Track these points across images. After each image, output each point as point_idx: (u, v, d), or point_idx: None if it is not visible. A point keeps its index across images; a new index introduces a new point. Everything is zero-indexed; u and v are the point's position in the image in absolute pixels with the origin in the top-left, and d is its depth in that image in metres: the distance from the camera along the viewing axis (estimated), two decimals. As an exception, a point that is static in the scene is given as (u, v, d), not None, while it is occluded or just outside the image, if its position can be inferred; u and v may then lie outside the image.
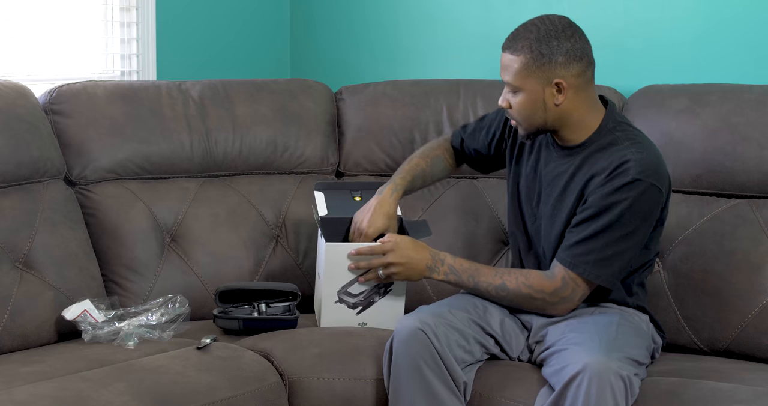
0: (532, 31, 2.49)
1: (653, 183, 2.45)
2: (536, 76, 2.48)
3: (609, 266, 2.46)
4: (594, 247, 2.46)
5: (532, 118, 2.53)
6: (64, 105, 3.05)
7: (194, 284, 3.03)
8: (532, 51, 2.47)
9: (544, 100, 2.50)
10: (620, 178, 2.44)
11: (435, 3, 3.63)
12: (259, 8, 3.90)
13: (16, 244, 2.77)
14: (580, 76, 2.50)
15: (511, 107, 2.55)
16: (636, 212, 2.45)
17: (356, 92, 3.36)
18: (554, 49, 2.47)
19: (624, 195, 2.44)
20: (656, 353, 2.63)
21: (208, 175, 3.19)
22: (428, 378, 2.44)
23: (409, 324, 2.46)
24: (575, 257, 2.47)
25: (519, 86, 2.50)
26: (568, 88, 2.48)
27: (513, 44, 2.51)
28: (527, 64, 2.48)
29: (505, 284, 2.55)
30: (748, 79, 3.00)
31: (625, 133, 2.53)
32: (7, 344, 2.66)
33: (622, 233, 2.45)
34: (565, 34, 2.49)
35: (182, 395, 2.42)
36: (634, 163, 2.45)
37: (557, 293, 2.50)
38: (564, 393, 2.28)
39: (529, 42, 2.48)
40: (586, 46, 2.52)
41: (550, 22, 2.51)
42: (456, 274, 2.60)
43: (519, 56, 2.49)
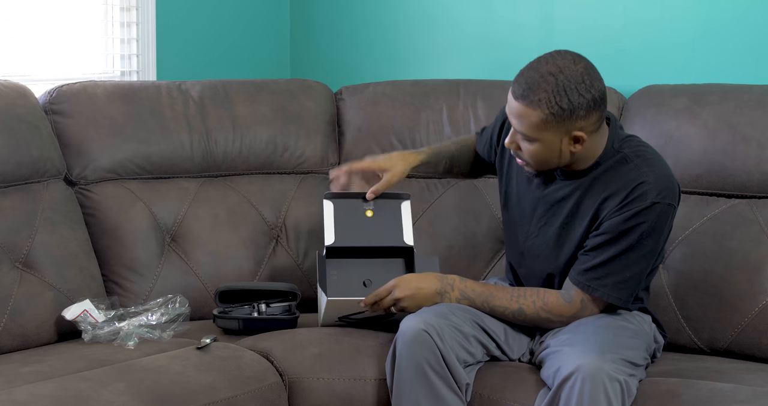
0: (550, 82, 2.33)
1: (670, 203, 2.43)
2: (555, 129, 2.36)
3: (627, 287, 2.46)
4: (612, 270, 2.44)
5: (545, 164, 2.46)
6: (64, 105, 3.05)
7: (194, 284, 3.03)
8: (551, 106, 2.33)
9: (560, 149, 2.41)
10: (638, 203, 2.40)
11: (435, 3, 3.63)
12: (259, 8, 3.90)
13: (16, 244, 2.77)
14: (598, 121, 2.40)
15: (521, 150, 2.45)
16: (653, 234, 2.43)
17: (356, 92, 3.36)
18: (575, 103, 2.33)
19: (642, 219, 2.40)
20: (657, 352, 2.63)
21: (208, 175, 3.19)
22: (432, 379, 2.43)
23: (412, 325, 2.46)
24: (593, 281, 2.45)
25: (535, 137, 2.39)
26: (586, 137, 2.40)
27: (528, 96, 2.34)
28: (546, 120, 2.35)
29: (523, 310, 2.52)
30: (748, 79, 3.01)
31: (633, 149, 2.48)
32: (7, 344, 2.66)
33: (639, 255, 2.43)
34: (585, 83, 2.34)
35: (182, 395, 2.42)
36: (650, 187, 2.40)
37: (576, 315, 2.50)
38: (558, 394, 2.28)
39: (547, 95, 2.33)
40: (602, 86, 2.38)
41: (567, 68, 2.35)
42: (468, 299, 2.55)
43: (536, 110, 2.34)
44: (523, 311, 2.52)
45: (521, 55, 3.43)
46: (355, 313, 2.68)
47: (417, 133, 3.23)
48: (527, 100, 2.35)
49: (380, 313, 2.65)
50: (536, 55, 3.42)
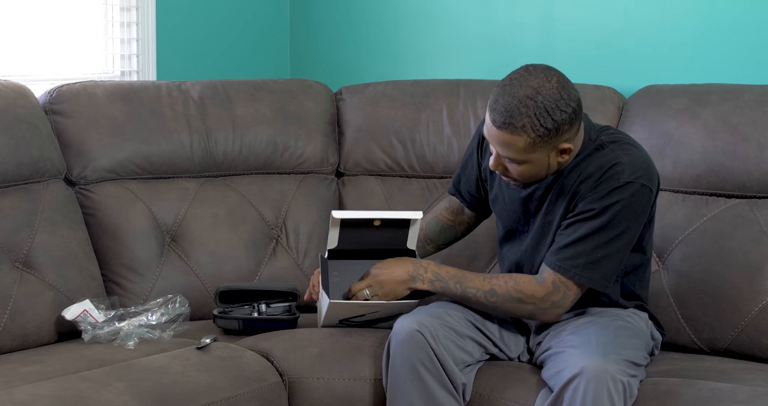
0: (530, 106, 2.31)
1: (644, 184, 2.42)
2: (543, 149, 2.36)
3: (599, 268, 2.42)
4: (583, 249, 2.41)
5: (534, 178, 2.47)
6: (64, 105, 3.05)
7: (194, 284, 3.03)
8: (537, 130, 2.32)
9: (548, 163, 2.42)
10: (611, 182, 2.40)
11: (435, 3, 3.63)
12: (259, 8, 3.90)
13: (16, 244, 2.77)
14: (578, 129, 2.41)
15: (508, 171, 2.45)
16: (627, 214, 2.41)
17: (356, 92, 3.36)
18: (559, 121, 2.33)
19: (615, 198, 2.40)
20: (656, 350, 2.63)
21: (208, 175, 3.19)
22: (425, 379, 2.43)
23: (406, 325, 2.46)
24: (564, 261, 2.43)
25: (522, 160, 2.39)
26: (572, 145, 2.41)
27: (511, 124, 2.32)
28: (533, 143, 2.34)
29: (495, 290, 2.49)
30: (748, 79, 3.00)
31: (609, 137, 2.49)
32: (7, 344, 2.66)
33: (612, 235, 2.41)
34: (564, 98, 2.33)
35: (182, 395, 2.42)
36: (624, 167, 2.41)
37: (548, 297, 2.45)
38: (561, 396, 2.28)
39: (530, 120, 2.31)
40: (576, 93, 2.37)
41: (543, 87, 2.32)
42: (442, 281, 2.53)
43: (522, 136, 2.33)
44: (495, 291, 2.48)
45: (521, 55, 3.45)
46: (356, 316, 2.68)
47: (417, 133, 3.23)
48: (511, 128, 2.33)
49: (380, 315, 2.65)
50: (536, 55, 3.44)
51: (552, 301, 2.45)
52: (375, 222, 2.60)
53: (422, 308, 2.57)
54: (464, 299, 2.54)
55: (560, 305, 2.46)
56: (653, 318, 2.63)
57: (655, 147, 2.89)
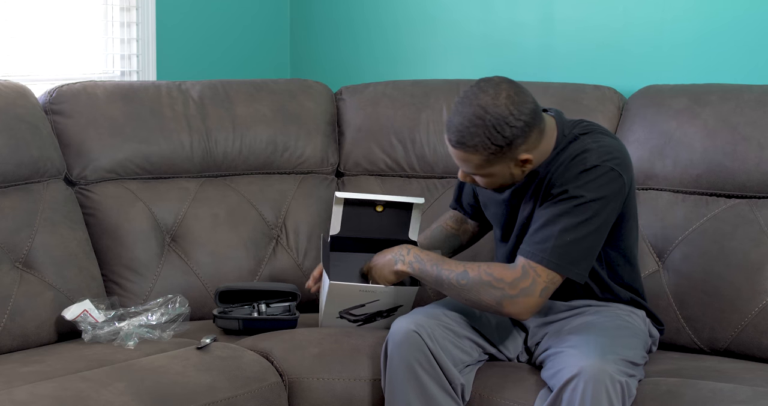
0: (479, 125, 2.34)
1: (612, 168, 2.40)
2: (500, 162, 2.40)
3: (568, 253, 2.37)
4: (551, 232, 2.38)
5: (502, 185, 2.50)
6: (64, 105, 3.05)
7: (194, 284, 3.03)
8: (488, 147, 2.35)
9: (511, 173, 2.45)
10: (578, 166, 2.40)
11: (435, 3, 3.63)
12: (259, 8, 3.90)
13: (16, 244, 2.77)
14: (537, 137, 2.41)
15: (476, 182, 2.50)
16: (594, 198, 2.38)
17: (356, 92, 3.36)
18: (511, 136, 2.35)
19: (583, 181, 2.38)
20: (653, 347, 2.63)
21: (208, 175, 3.19)
22: (423, 380, 2.44)
23: (403, 326, 2.46)
24: (532, 245, 2.40)
25: (483, 173, 2.44)
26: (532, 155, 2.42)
27: (464, 143, 2.36)
28: (488, 159, 2.38)
29: (467, 271, 2.45)
30: (748, 79, 3.01)
31: (581, 129, 2.50)
32: (7, 344, 2.66)
33: (581, 219, 2.37)
34: (513, 114, 2.34)
35: (182, 395, 2.42)
36: (592, 152, 2.41)
37: (517, 283, 2.39)
38: (560, 396, 2.28)
39: (481, 139, 2.35)
40: (529, 104, 2.37)
41: (490, 105, 2.34)
42: (420, 262, 2.52)
43: (476, 154, 2.37)
44: (467, 273, 2.44)
45: (521, 55, 3.46)
46: (356, 307, 2.68)
47: (417, 133, 3.23)
48: (464, 147, 2.38)
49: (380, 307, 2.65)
50: (536, 55, 3.44)
51: (521, 287, 2.39)
52: (378, 207, 2.64)
53: (419, 308, 2.57)
54: (438, 282, 2.50)
55: (529, 294, 2.39)
56: (651, 314, 2.63)
57: (655, 147, 2.90)
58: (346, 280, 2.67)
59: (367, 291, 2.63)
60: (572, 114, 2.96)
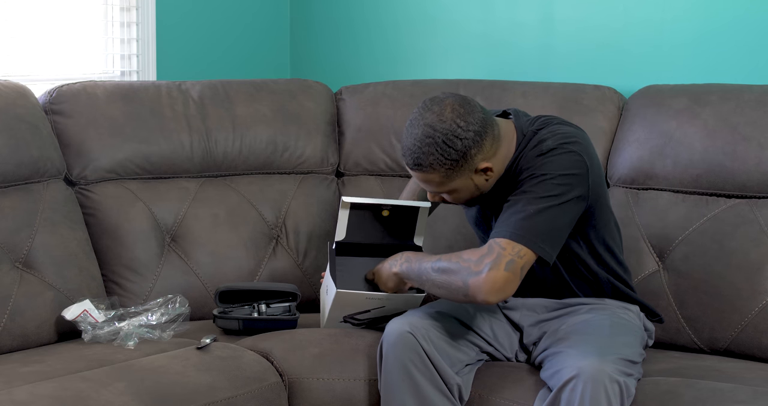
0: (430, 143, 2.36)
1: (571, 150, 2.40)
2: (459, 175, 2.42)
3: (532, 227, 2.34)
4: (515, 209, 2.38)
5: (470, 198, 2.51)
6: (64, 105, 3.05)
7: (194, 284, 3.03)
8: (444, 163, 2.38)
9: (475, 184, 2.46)
10: (534, 153, 2.42)
11: (434, 3, 3.63)
12: (259, 8, 3.90)
13: (16, 244, 2.77)
14: (493, 143, 2.42)
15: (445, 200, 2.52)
16: (556, 174, 2.38)
17: (356, 92, 3.36)
18: (463, 148, 2.37)
19: (540, 162, 2.40)
20: (650, 340, 2.63)
21: (208, 175, 3.19)
22: (417, 380, 2.44)
23: (397, 327, 2.46)
24: (499, 226, 2.39)
25: (446, 190, 2.46)
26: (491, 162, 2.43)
27: (420, 164, 2.39)
28: (447, 175, 2.41)
29: (441, 259, 2.43)
30: (748, 79, 3.01)
31: (539, 124, 2.50)
32: (7, 344, 2.66)
33: (543, 195, 2.36)
34: (461, 127, 2.37)
35: (182, 395, 2.42)
36: (548, 140, 2.43)
37: (482, 259, 2.34)
38: (558, 397, 2.28)
39: (434, 157, 2.37)
40: (477, 114, 2.39)
41: (437, 123, 2.37)
42: (409, 261, 2.51)
43: (434, 173, 2.40)
44: (440, 259, 2.43)
45: (521, 55, 3.46)
46: (361, 312, 2.68)
47: (417, 133, 3.22)
48: (421, 168, 2.40)
49: (384, 313, 2.65)
50: (536, 55, 3.44)
51: (485, 263, 2.33)
52: (384, 212, 2.63)
53: (414, 310, 2.58)
54: (420, 277, 2.48)
55: (494, 267, 2.32)
56: (644, 307, 2.63)
57: (655, 147, 2.90)
58: (352, 286, 2.65)
59: (372, 299, 2.62)
60: (572, 114, 2.97)
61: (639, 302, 2.62)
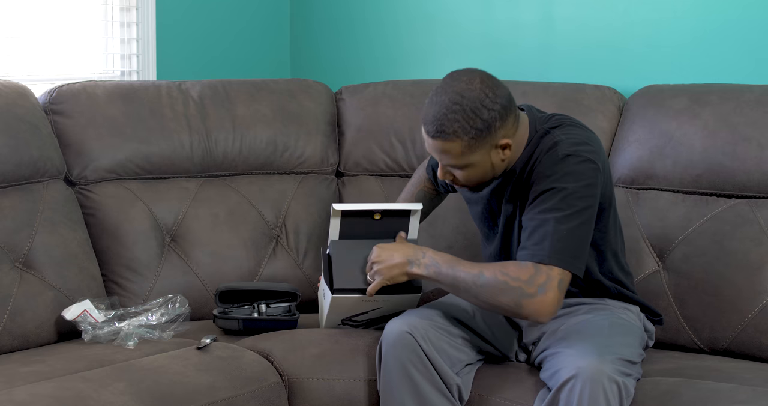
0: (457, 110, 2.35)
1: (587, 158, 2.40)
2: (480, 149, 2.38)
3: (567, 248, 2.36)
4: (546, 231, 2.36)
5: (482, 180, 2.48)
6: (64, 105, 3.05)
7: (194, 284, 3.03)
8: (468, 132, 2.35)
9: (492, 163, 2.44)
10: (552, 158, 2.40)
11: (434, 3, 3.63)
12: (259, 8, 3.90)
13: (16, 244, 2.77)
14: (514, 123, 2.42)
15: (456, 178, 2.48)
16: (578, 188, 2.38)
17: (356, 92, 3.36)
18: (489, 119, 2.35)
19: (560, 173, 2.38)
20: (650, 341, 2.63)
21: (208, 175, 3.19)
22: (417, 380, 2.44)
23: (396, 328, 2.46)
24: (532, 248, 2.38)
25: (463, 164, 2.42)
26: (511, 140, 2.42)
27: (443, 131, 2.36)
28: (469, 145, 2.37)
29: (483, 273, 2.41)
30: (748, 79, 3.01)
31: (552, 122, 2.50)
32: (7, 344, 2.66)
33: (571, 211, 2.37)
34: (489, 97, 2.36)
35: (182, 395, 2.42)
36: (562, 144, 2.41)
37: (533, 280, 2.35)
38: (557, 397, 2.28)
39: (459, 124, 2.35)
40: (504, 90, 2.40)
41: (466, 91, 2.36)
42: (436, 265, 2.47)
43: (456, 141, 2.36)
44: (482, 274, 2.40)
45: (521, 55, 3.46)
46: (359, 314, 2.68)
47: (417, 134, 3.23)
48: (443, 135, 2.37)
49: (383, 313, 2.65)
50: (536, 55, 3.44)
51: (537, 284, 2.35)
52: (375, 215, 2.61)
53: (412, 310, 2.57)
54: (454, 284, 2.46)
55: (547, 289, 2.34)
56: (645, 308, 2.63)
57: (655, 147, 2.90)
58: (348, 284, 2.60)
59: (369, 301, 2.61)
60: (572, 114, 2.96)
61: (639, 303, 2.62)
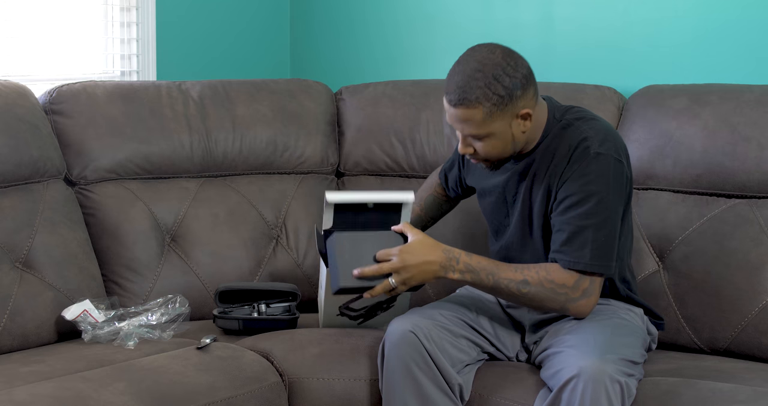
0: (478, 78, 2.38)
1: (616, 158, 2.43)
2: (501, 117, 2.40)
3: (605, 253, 2.42)
4: (586, 239, 2.41)
5: (502, 154, 2.49)
6: (64, 105, 3.05)
7: (194, 284, 3.03)
8: (490, 98, 2.37)
9: (512, 133, 2.44)
10: (583, 157, 2.42)
11: (434, 3, 3.63)
12: (259, 8, 3.90)
13: (16, 244, 2.77)
14: (535, 95, 2.45)
15: (476, 152, 2.48)
16: (610, 189, 2.42)
17: (356, 92, 3.36)
18: (510, 86, 2.38)
19: (593, 174, 2.41)
20: (653, 344, 2.63)
21: (208, 175, 3.19)
22: (419, 380, 2.44)
23: (399, 327, 2.46)
24: (572, 254, 2.42)
25: (484, 133, 2.42)
26: (533, 112, 2.44)
27: (465, 98, 2.38)
28: (489, 112, 2.38)
29: (527, 280, 2.44)
30: (748, 79, 3.01)
31: (573, 115, 2.52)
32: (7, 344, 2.66)
33: (606, 215, 2.42)
34: (510, 65, 2.39)
35: (182, 395, 2.42)
36: (591, 141, 2.43)
37: (578, 285, 2.42)
38: (559, 397, 2.28)
39: (481, 90, 2.37)
40: (526, 63, 2.44)
41: (487, 59, 2.40)
42: (473, 272, 2.47)
43: (477, 108, 2.38)
44: (527, 281, 2.44)
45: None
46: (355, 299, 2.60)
47: (417, 133, 3.23)
48: (466, 103, 2.39)
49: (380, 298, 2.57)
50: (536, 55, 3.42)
51: (582, 289, 2.43)
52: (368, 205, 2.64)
53: (416, 309, 2.57)
54: (495, 290, 2.48)
55: (591, 293, 2.43)
56: (648, 311, 2.63)
57: (655, 147, 2.90)
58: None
59: None
60: (572, 114, 2.97)
61: (643, 306, 2.62)
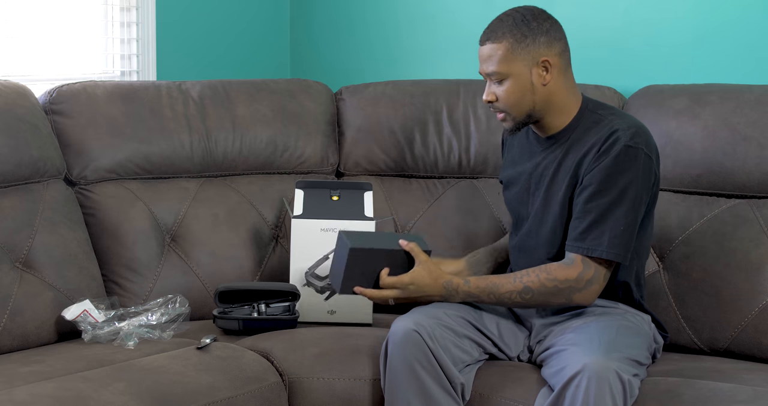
0: (509, 19, 2.53)
1: (646, 153, 2.47)
2: (522, 58, 2.50)
3: (622, 243, 2.45)
4: (605, 227, 2.44)
5: (521, 103, 2.53)
6: (64, 105, 3.05)
7: (194, 284, 3.03)
8: (514, 34, 2.50)
9: (532, 81, 2.51)
10: (613, 148, 2.45)
11: (435, 3, 3.63)
12: (259, 8, 3.90)
13: (16, 244, 2.77)
14: (561, 56, 2.53)
15: (498, 99, 2.54)
16: (636, 182, 2.45)
17: (356, 92, 3.36)
18: (535, 30, 2.51)
19: (621, 165, 2.44)
20: (657, 353, 2.63)
21: (208, 175, 3.19)
22: (423, 379, 2.44)
23: (403, 325, 2.46)
24: (589, 242, 2.45)
25: (505, 72, 2.51)
26: (553, 66, 2.51)
27: (492, 34, 2.54)
28: (512, 48, 2.50)
29: (528, 286, 2.48)
30: (748, 79, 3.01)
31: (607, 110, 2.57)
32: (7, 344, 2.66)
33: (628, 206, 2.45)
34: (542, 16, 2.54)
35: (182, 395, 2.42)
36: (622, 133, 2.46)
37: (582, 277, 2.45)
38: (563, 394, 2.28)
39: (509, 28, 2.52)
40: (561, 29, 2.56)
41: (524, 9, 2.56)
42: (474, 297, 2.53)
43: (501, 43, 2.51)
44: (529, 288, 2.48)
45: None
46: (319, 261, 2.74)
47: (417, 134, 3.23)
48: (493, 38, 2.53)
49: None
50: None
51: (586, 279, 2.46)
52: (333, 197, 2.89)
53: (420, 308, 2.57)
54: (500, 304, 2.56)
55: (594, 281, 2.46)
56: (656, 321, 2.63)
57: (655, 147, 2.89)
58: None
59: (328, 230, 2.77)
60: (572, 114, 2.97)
61: (651, 314, 2.62)
